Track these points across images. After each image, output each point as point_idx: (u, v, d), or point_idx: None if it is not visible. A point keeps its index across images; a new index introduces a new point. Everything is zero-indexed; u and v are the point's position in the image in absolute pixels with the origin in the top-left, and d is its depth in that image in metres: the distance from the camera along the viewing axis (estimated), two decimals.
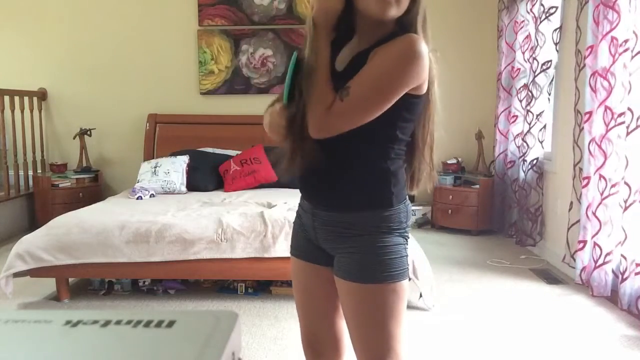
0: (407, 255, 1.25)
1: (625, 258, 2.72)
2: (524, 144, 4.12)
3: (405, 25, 1.17)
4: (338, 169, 1.21)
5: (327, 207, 1.25)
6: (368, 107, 1.12)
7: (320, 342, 1.39)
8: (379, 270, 1.19)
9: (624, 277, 2.71)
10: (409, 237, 1.27)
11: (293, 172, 1.24)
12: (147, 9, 5.01)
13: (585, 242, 3.10)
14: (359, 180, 1.21)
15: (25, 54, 5.05)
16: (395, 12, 1.13)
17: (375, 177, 1.21)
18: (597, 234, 2.91)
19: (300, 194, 1.35)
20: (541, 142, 4.04)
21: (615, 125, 2.79)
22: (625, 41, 2.71)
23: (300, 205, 1.37)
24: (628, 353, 2.39)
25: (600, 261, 2.88)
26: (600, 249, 2.87)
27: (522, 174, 4.18)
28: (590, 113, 3.06)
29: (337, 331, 1.39)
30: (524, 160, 4.13)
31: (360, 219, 1.21)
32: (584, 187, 3.11)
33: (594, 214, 2.92)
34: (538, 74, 3.93)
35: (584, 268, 3.12)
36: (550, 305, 3.00)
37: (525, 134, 4.12)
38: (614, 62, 2.78)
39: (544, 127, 3.99)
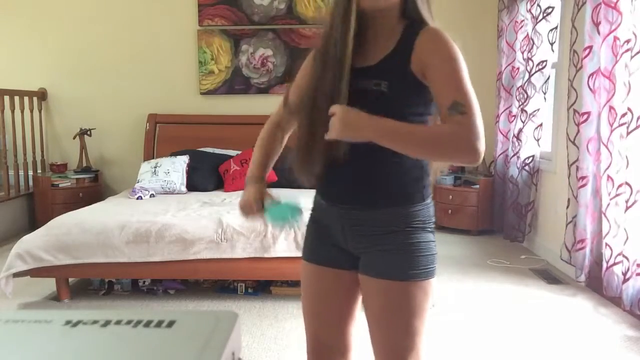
0: (436, 253, 1.23)
1: (627, 259, 2.72)
2: (517, 142, 4.19)
3: (409, 13, 1.19)
4: (369, 167, 1.19)
5: (358, 206, 1.22)
6: (479, 110, 1.11)
7: (328, 350, 1.35)
8: (410, 267, 1.18)
9: (627, 277, 2.71)
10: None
11: (312, 174, 1.25)
12: (147, 9, 5.00)
13: (584, 241, 3.10)
14: (390, 177, 1.18)
15: (25, 54, 5.05)
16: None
17: (407, 171, 1.19)
18: (607, 234, 2.89)
19: (317, 199, 1.33)
20: (537, 140, 4.06)
21: (618, 126, 2.79)
22: (627, 41, 2.71)
23: (318, 209, 1.34)
24: (629, 354, 2.39)
25: (611, 262, 2.87)
26: (611, 250, 2.87)
27: (515, 171, 4.22)
28: (589, 113, 3.05)
29: (347, 339, 1.35)
30: (518, 157, 4.18)
31: (391, 216, 1.19)
32: (581, 187, 3.11)
33: (604, 214, 2.91)
34: (534, 74, 3.95)
35: (584, 267, 3.12)
36: (551, 305, 3.00)
37: (519, 132, 4.16)
38: (616, 63, 2.78)
39: (540, 125, 4.03)
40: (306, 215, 1.34)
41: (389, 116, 1.10)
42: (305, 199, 1.38)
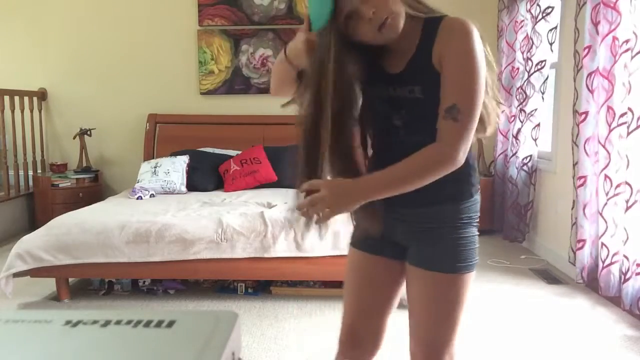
0: (478, 246, 1.27)
1: (627, 258, 2.72)
2: (515, 142, 4.21)
3: (423, 10, 1.17)
4: None
5: (410, 204, 1.24)
6: (477, 113, 1.12)
7: (362, 334, 1.38)
8: (457, 261, 1.24)
9: (626, 277, 2.71)
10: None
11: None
12: (147, 9, 5.00)
13: (584, 241, 3.10)
14: (445, 178, 1.16)
15: (25, 54, 5.05)
16: (400, 23, 1.12)
17: (457, 170, 1.17)
18: (604, 234, 2.90)
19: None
20: (535, 140, 4.08)
21: (617, 126, 2.79)
22: (626, 41, 2.71)
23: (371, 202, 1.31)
24: (629, 353, 2.39)
25: (608, 261, 2.87)
26: (608, 249, 2.87)
27: (514, 171, 4.23)
28: (587, 113, 3.06)
29: (382, 325, 1.39)
30: (516, 157, 4.20)
31: (442, 212, 1.23)
32: (579, 186, 3.11)
33: (600, 213, 2.91)
34: (532, 74, 3.96)
35: (584, 267, 3.12)
36: (551, 305, 3.00)
37: (518, 132, 4.18)
38: (615, 63, 2.78)
39: (538, 125, 4.04)
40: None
41: (432, 120, 1.12)
42: None
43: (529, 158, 4.15)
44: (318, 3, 1.11)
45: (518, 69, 4.24)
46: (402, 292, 1.39)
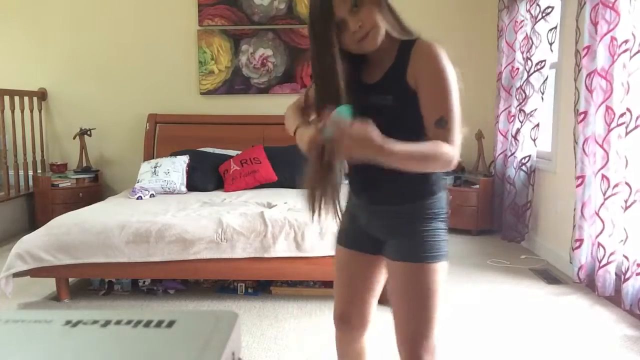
0: (447, 239, 1.39)
1: (627, 258, 2.72)
2: (514, 142, 4.21)
3: (396, 34, 1.33)
4: (392, 173, 1.27)
5: (384, 203, 1.41)
6: (460, 120, 1.29)
7: (352, 315, 1.57)
8: (423, 251, 1.36)
9: (626, 277, 2.71)
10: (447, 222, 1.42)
11: (351, 178, 1.45)
12: (147, 9, 5.00)
13: (581, 240, 3.10)
14: (408, 179, 1.32)
15: (25, 54, 5.05)
16: (378, 39, 1.28)
17: (421, 173, 1.34)
18: (600, 233, 2.90)
19: (351, 195, 1.51)
20: (534, 140, 4.08)
21: (616, 126, 2.79)
22: (625, 41, 2.71)
23: (350, 202, 1.52)
24: (629, 353, 2.39)
25: (604, 261, 2.88)
26: (604, 249, 2.87)
27: (513, 171, 4.24)
28: (586, 113, 3.06)
29: (367, 309, 1.56)
30: (515, 157, 4.21)
31: (410, 209, 1.38)
32: (578, 186, 3.11)
33: (596, 213, 2.92)
34: (532, 74, 3.96)
35: (581, 266, 3.12)
36: (551, 305, 3.00)
37: (517, 132, 4.18)
38: (613, 63, 2.78)
39: (537, 125, 4.05)
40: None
41: (398, 126, 1.25)
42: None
43: (527, 158, 4.15)
44: (339, 116, 1.20)
45: (518, 69, 4.25)
46: (384, 280, 1.56)
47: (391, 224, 1.41)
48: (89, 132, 4.91)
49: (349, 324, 1.58)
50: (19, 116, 4.70)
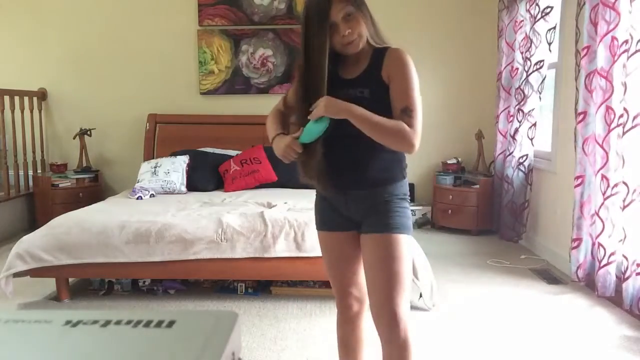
0: (410, 217, 1.66)
1: (626, 258, 2.72)
2: (513, 141, 4.22)
3: (374, 42, 1.60)
4: (366, 161, 1.60)
5: (360, 187, 1.63)
6: (420, 110, 1.55)
7: (350, 290, 1.75)
8: (394, 224, 1.59)
9: (626, 277, 2.71)
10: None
11: (312, 175, 1.65)
12: (147, 9, 5.01)
13: (580, 239, 3.10)
14: (381, 165, 1.62)
15: (25, 54, 5.05)
16: (361, 45, 1.56)
17: (391, 160, 1.63)
18: (600, 234, 2.90)
19: (327, 185, 1.68)
20: (531, 139, 4.09)
21: (616, 126, 2.79)
22: (626, 41, 2.71)
23: (327, 192, 1.70)
24: (629, 354, 2.39)
25: (605, 261, 2.87)
26: (604, 249, 2.87)
27: (514, 172, 4.25)
28: (585, 113, 3.06)
29: (360, 278, 1.75)
30: (512, 156, 4.22)
31: (383, 191, 1.62)
32: (577, 186, 3.11)
33: (597, 213, 2.92)
34: (531, 73, 3.96)
35: (580, 265, 3.13)
36: (551, 305, 3.00)
37: (515, 132, 4.19)
38: (613, 63, 2.78)
39: (534, 125, 4.06)
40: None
41: (377, 106, 1.51)
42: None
43: (525, 157, 4.16)
44: (317, 126, 1.51)
45: (517, 69, 4.25)
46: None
47: (366, 205, 1.64)
48: (89, 132, 4.91)
49: (350, 298, 1.76)
50: (19, 116, 4.70)
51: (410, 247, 1.64)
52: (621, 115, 2.75)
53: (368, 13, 1.58)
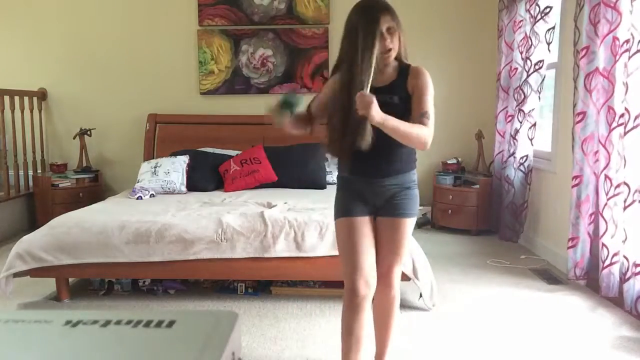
0: (418, 201, 2.05)
1: (627, 259, 2.71)
2: (513, 142, 4.21)
3: (401, 57, 1.96)
4: (389, 156, 1.95)
5: (384, 175, 1.97)
6: (434, 117, 1.90)
7: (367, 272, 1.96)
8: (409, 209, 1.99)
9: (626, 277, 2.71)
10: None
11: (347, 164, 1.99)
12: (147, 9, 5.00)
13: (577, 238, 3.10)
14: (401, 157, 1.97)
15: (25, 54, 5.05)
16: (392, 57, 1.92)
17: (407, 152, 1.98)
18: (604, 234, 2.89)
19: (345, 177, 2.03)
20: (530, 140, 4.09)
21: (617, 126, 2.79)
22: (627, 41, 2.71)
23: (347, 182, 2.03)
24: (629, 354, 2.39)
25: (608, 262, 2.87)
26: (608, 250, 2.87)
27: (513, 172, 4.24)
28: (584, 113, 3.06)
29: (374, 261, 2.00)
30: (517, 159, 4.20)
31: (399, 179, 1.98)
32: (574, 186, 3.11)
33: (600, 214, 2.91)
34: (531, 74, 3.96)
35: (577, 264, 3.13)
36: (551, 305, 3.00)
37: (516, 132, 4.18)
38: (615, 63, 2.78)
39: (534, 125, 4.06)
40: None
41: (399, 116, 1.81)
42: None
43: (525, 158, 4.16)
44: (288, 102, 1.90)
45: (516, 69, 4.25)
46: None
47: (388, 191, 1.97)
48: (89, 132, 4.91)
49: (364, 278, 1.95)
50: (19, 116, 4.70)
51: (412, 227, 2.05)
52: (622, 115, 2.75)
53: (402, 32, 1.90)
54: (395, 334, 2.15)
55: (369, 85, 1.79)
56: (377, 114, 1.73)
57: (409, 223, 2.00)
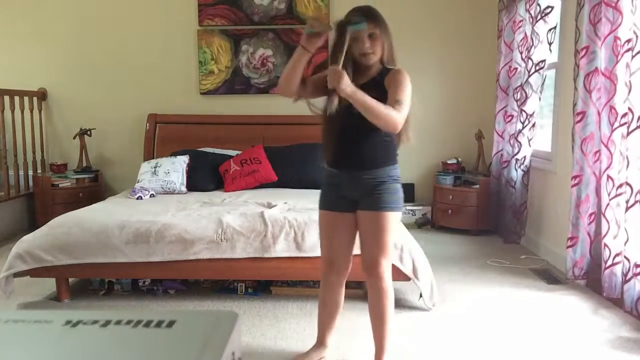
0: (402, 196, 2.12)
1: (628, 259, 2.71)
2: (517, 143, 4.19)
3: (385, 62, 2.07)
4: (367, 146, 2.05)
5: (362, 169, 2.06)
6: (408, 105, 1.97)
7: (338, 263, 2.21)
8: (388, 203, 2.05)
9: (627, 278, 2.70)
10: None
11: (329, 155, 2.12)
12: (147, 9, 5.01)
13: (577, 238, 3.10)
14: (378, 150, 2.07)
15: (25, 54, 5.05)
16: (373, 61, 2.04)
17: (386, 146, 2.08)
18: (606, 235, 2.89)
19: (329, 170, 2.15)
20: (529, 140, 4.09)
21: (619, 126, 2.79)
22: (628, 41, 2.70)
23: (330, 176, 2.16)
24: (630, 355, 2.39)
25: (610, 262, 2.87)
26: (610, 250, 2.86)
27: (514, 173, 4.23)
28: (584, 113, 3.05)
29: (349, 254, 2.21)
30: (516, 160, 4.19)
31: (380, 172, 2.06)
32: (574, 185, 3.11)
33: (602, 214, 2.91)
34: (532, 74, 3.95)
35: (575, 263, 3.13)
36: (551, 305, 3.00)
37: (518, 133, 4.17)
38: (617, 63, 2.77)
39: (533, 125, 4.06)
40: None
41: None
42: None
43: (524, 158, 4.15)
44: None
45: (516, 69, 4.24)
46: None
47: (366, 185, 2.05)
48: (89, 132, 4.91)
49: (334, 267, 2.21)
50: (19, 116, 4.70)
51: (397, 220, 2.11)
52: (624, 115, 2.75)
53: (388, 40, 2.04)
54: (391, 331, 2.19)
55: (341, 62, 1.90)
56: (347, 86, 1.83)
57: (391, 217, 2.06)
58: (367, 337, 2.24)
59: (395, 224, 2.09)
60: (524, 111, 4.07)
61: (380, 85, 2.00)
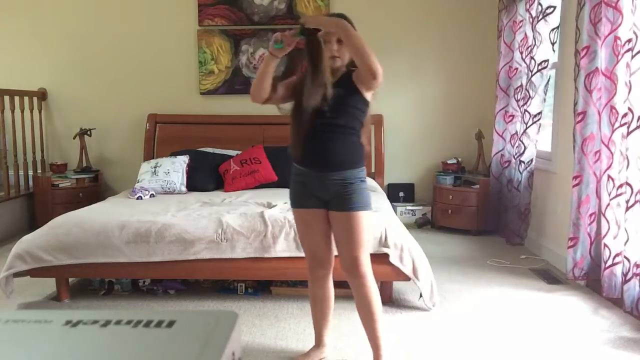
0: (370, 196, 2.17)
1: (627, 260, 2.71)
2: (521, 144, 4.15)
3: (348, 65, 2.11)
4: (336, 146, 2.08)
5: (331, 170, 2.09)
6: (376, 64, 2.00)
7: (320, 256, 2.24)
8: (357, 203, 2.09)
9: (627, 278, 2.70)
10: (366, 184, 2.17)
11: (298, 154, 2.14)
12: (147, 8, 5.01)
13: (577, 238, 3.10)
14: (346, 151, 2.10)
15: (25, 54, 5.05)
16: (339, 64, 2.09)
17: (354, 148, 2.11)
18: (606, 235, 2.89)
19: (298, 168, 2.18)
20: (528, 140, 4.06)
21: (620, 126, 2.79)
22: (628, 41, 2.70)
23: (299, 174, 2.18)
24: (630, 355, 2.39)
25: (610, 262, 2.86)
26: (610, 250, 2.86)
27: (517, 174, 4.20)
28: (584, 113, 3.05)
29: (329, 248, 2.23)
30: (521, 161, 4.15)
31: (348, 174, 2.09)
32: (575, 186, 3.11)
33: (603, 214, 2.91)
34: (534, 74, 3.94)
35: (576, 264, 3.13)
36: (551, 305, 3.00)
37: (522, 134, 4.13)
38: (617, 63, 2.77)
39: (539, 127, 4.03)
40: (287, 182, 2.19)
41: (345, 106, 2.06)
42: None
43: (527, 159, 4.13)
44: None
45: (516, 69, 4.24)
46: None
47: (334, 186, 2.09)
48: (89, 132, 4.91)
49: (318, 261, 2.24)
50: (19, 116, 4.70)
51: (368, 219, 2.15)
52: (625, 115, 2.75)
53: None
54: (384, 329, 2.19)
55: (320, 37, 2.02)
56: (331, 19, 1.99)
57: (362, 216, 2.09)
58: (366, 337, 2.24)
59: (366, 222, 2.12)
60: (528, 112, 4.04)
61: (349, 82, 2.05)
